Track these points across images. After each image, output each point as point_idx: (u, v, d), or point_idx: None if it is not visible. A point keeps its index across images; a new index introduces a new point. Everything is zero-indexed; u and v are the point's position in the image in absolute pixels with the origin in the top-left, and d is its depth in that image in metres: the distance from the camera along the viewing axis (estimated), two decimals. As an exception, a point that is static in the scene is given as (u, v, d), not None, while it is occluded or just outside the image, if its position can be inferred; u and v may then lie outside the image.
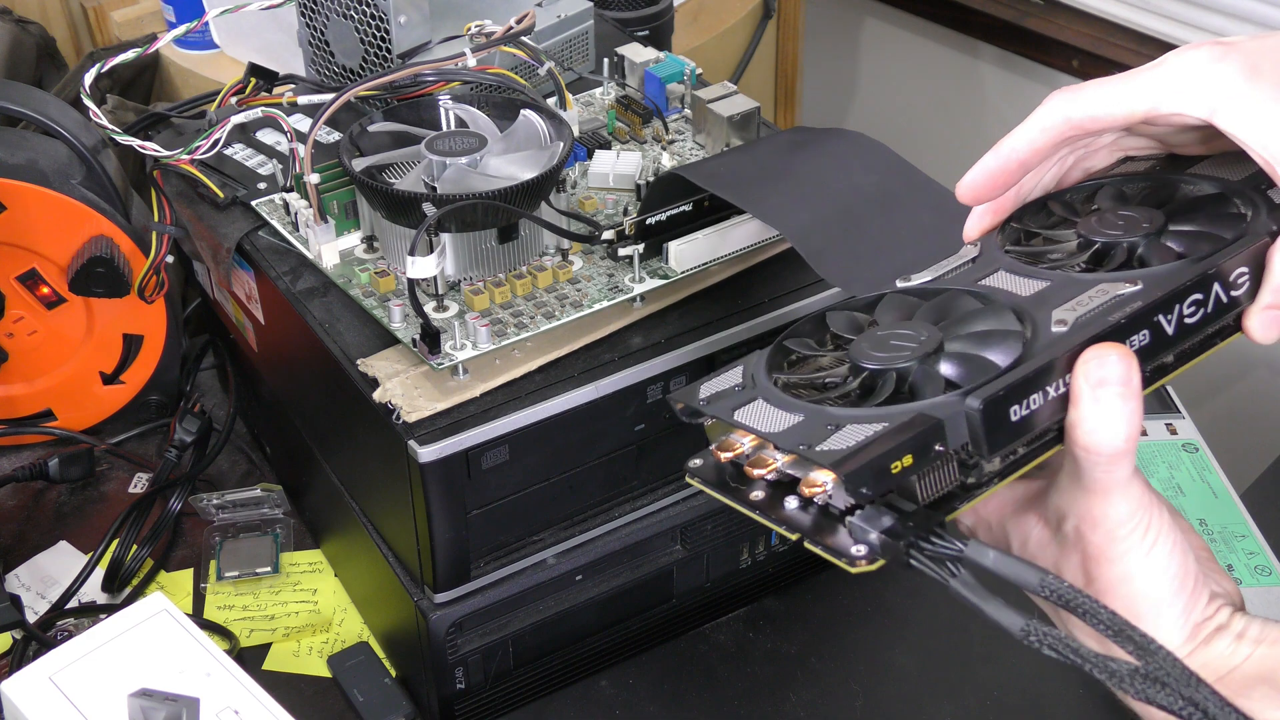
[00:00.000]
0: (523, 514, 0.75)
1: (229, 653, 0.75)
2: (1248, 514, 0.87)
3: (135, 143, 0.86)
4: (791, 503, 0.52)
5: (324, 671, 0.85)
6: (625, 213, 0.81)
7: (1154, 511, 0.51)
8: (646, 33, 1.11)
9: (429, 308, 0.73)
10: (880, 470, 0.47)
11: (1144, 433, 0.92)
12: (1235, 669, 0.52)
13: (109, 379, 0.99)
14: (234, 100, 0.90)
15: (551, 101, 0.85)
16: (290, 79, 0.94)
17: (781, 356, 0.56)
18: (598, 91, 0.95)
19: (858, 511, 0.49)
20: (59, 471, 0.96)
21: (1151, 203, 0.58)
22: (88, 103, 0.87)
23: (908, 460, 0.48)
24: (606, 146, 0.87)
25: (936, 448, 0.49)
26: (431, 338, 0.70)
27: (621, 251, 0.76)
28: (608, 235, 0.76)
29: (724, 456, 0.52)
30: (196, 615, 0.88)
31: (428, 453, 0.69)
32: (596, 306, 0.75)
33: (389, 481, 0.74)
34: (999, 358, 0.51)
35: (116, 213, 0.91)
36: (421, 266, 0.70)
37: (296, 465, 0.94)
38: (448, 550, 0.73)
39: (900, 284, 0.58)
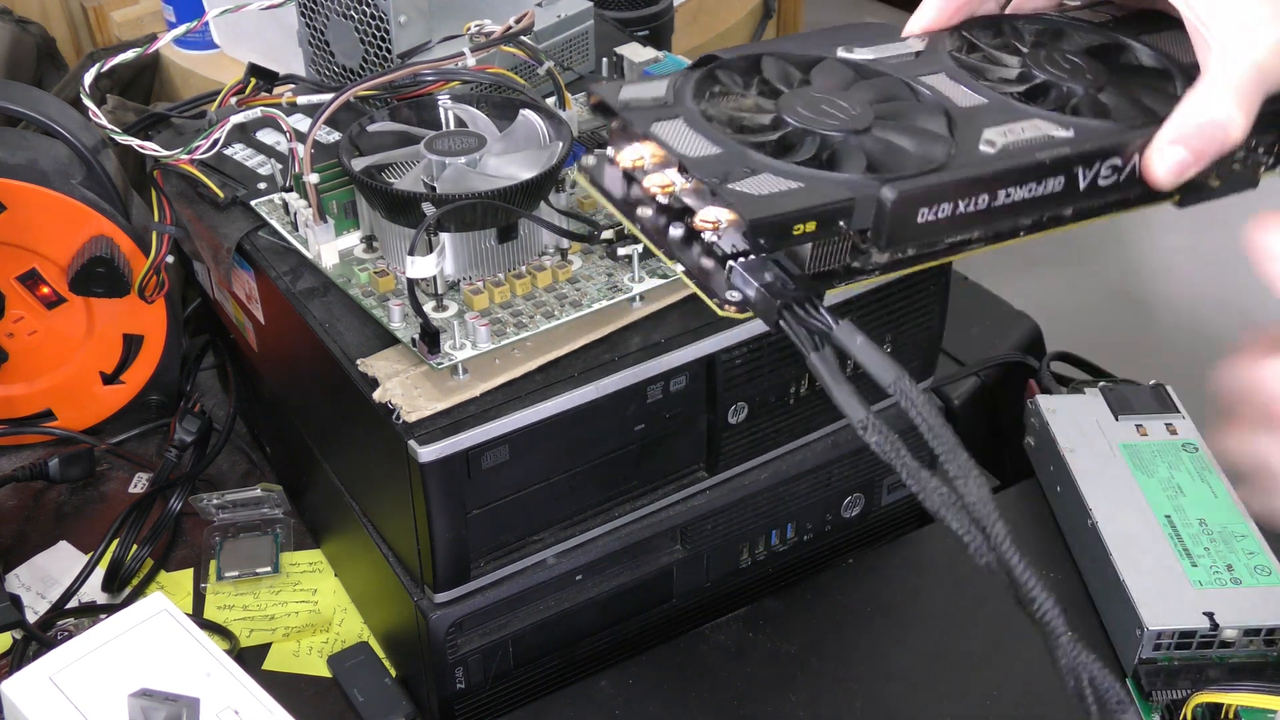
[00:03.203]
0: (523, 514, 0.75)
1: (229, 653, 0.75)
2: (1247, 514, 0.87)
3: (135, 143, 0.86)
4: (676, 231, 0.51)
5: (324, 671, 0.85)
6: (625, 212, 0.81)
7: None
8: (646, 33, 1.11)
9: (428, 307, 0.73)
10: (784, 227, 0.47)
11: (1144, 433, 0.92)
12: None
13: (109, 379, 0.99)
14: (234, 100, 0.90)
15: (551, 101, 0.85)
16: (290, 79, 0.94)
17: (708, 85, 0.55)
18: (598, 91, 0.95)
19: (741, 259, 0.49)
20: (59, 471, 0.96)
21: (1099, 58, 0.58)
22: (88, 103, 0.87)
23: (810, 226, 0.47)
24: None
25: (839, 224, 0.48)
26: (431, 337, 0.70)
27: (621, 251, 0.76)
28: (607, 235, 0.76)
29: (623, 164, 0.51)
30: (196, 615, 0.88)
31: (428, 453, 0.69)
32: (596, 306, 0.75)
33: (389, 481, 0.74)
34: (923, 155, 0.50)
35: (116, 213, 0.91)
36: (421, 266, 0.70)
37: (296, 465, 0.94)
38: (448, 550, 0.73)
39: (842, 53, 0.57)
